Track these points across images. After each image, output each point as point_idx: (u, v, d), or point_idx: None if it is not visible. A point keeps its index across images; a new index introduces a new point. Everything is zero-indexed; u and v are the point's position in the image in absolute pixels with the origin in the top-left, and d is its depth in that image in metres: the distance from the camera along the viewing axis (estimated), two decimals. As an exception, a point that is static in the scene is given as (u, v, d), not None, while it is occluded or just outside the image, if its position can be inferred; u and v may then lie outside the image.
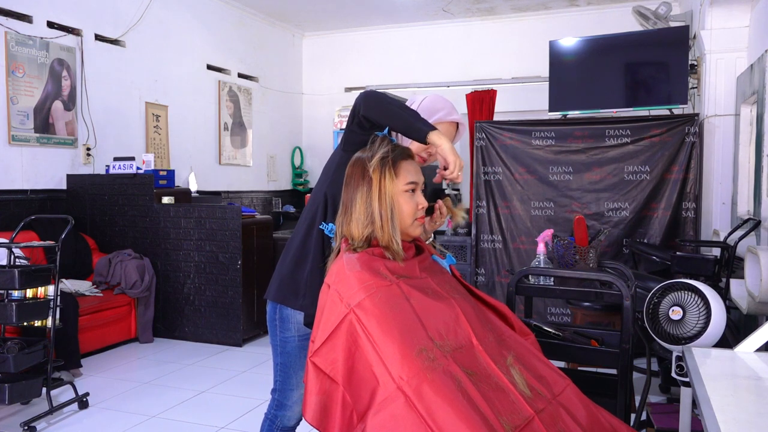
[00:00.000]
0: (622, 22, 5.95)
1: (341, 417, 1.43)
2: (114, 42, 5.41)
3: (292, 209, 7.68)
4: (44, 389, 3.18)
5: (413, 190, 1.67)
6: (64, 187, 4.96)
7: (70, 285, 4.33)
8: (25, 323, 3.25)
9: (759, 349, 1.52)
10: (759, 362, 1.47)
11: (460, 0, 6.68)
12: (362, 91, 1.88)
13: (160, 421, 3.26)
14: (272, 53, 7.66)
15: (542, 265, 2.50)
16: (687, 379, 1.72)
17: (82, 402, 3.39)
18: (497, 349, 1.59)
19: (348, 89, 7.94)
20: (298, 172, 8.08)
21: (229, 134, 6.90)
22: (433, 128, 1.69)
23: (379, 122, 1.74)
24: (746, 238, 3.17)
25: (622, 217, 4.47)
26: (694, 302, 1.92)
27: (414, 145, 1.87)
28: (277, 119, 7.77)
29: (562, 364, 2.73)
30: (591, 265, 2.66)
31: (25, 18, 4.64)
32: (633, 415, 2.51)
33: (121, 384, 3.82)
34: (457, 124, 1.97)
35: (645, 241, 4.43)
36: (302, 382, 1.68)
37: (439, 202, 1.85)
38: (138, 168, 4.96)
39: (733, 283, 2.87)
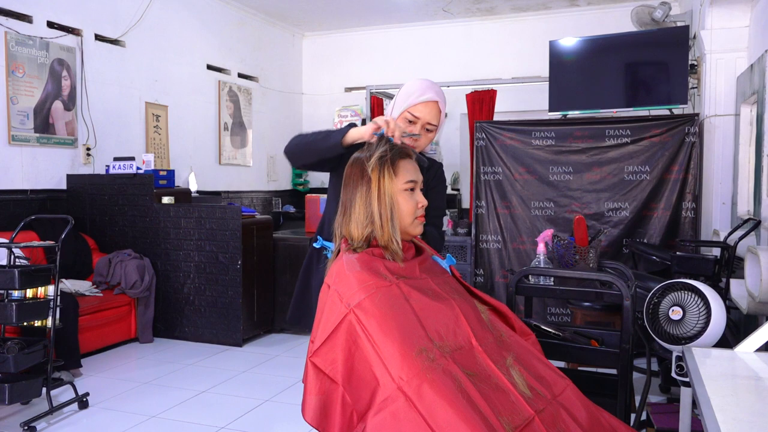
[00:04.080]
0: (622, 22, 5.94)
1: (341, 417, 1.43)
2: (114, 42, 5.41)
3: (292, 209, 7.67)
4: (44, 389, 3.18)
5: (412, 189, 1.67)
6: (64, 187, 4.96)
7: (70, 285, 4.33)
8: (25, 323, 3.25)
9: (759, 349, 1.52)
10: (759, 362, 1.47)
11: (460, 0, 6.68)
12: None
13: (160, 421, 3.26)
14: (272, 53, 7.66)
15: (542, 265, 2.50)
16: (687, 379, 1.72)
17: (82, 402, 3.39)
18: (497, 349, 1.59)
19: (348, 89, 7.94)
20: (298, 172, 8.07)
21: (229, 134, 6.90)
22: (345, 131, 1.73)
23: (304, 163, 1.92)
24: (746, 238, 3.17)
25: (622, 217, 4.47)
26: (694, 302, 1.92)
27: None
28: (277, 119, 7.76)
29: (562, 364, 2.73)
30: (591, 265, 2.66)
31: (25, 18, 4.64)
32: (633, 415, 2.51)
33: (121, 384, 3.82)
34: (437, 101, 1.90)
35: (645, 241, 4.42)
36: None
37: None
38: (138, 168, 4.95)
39: (733, 283, 2.87)
